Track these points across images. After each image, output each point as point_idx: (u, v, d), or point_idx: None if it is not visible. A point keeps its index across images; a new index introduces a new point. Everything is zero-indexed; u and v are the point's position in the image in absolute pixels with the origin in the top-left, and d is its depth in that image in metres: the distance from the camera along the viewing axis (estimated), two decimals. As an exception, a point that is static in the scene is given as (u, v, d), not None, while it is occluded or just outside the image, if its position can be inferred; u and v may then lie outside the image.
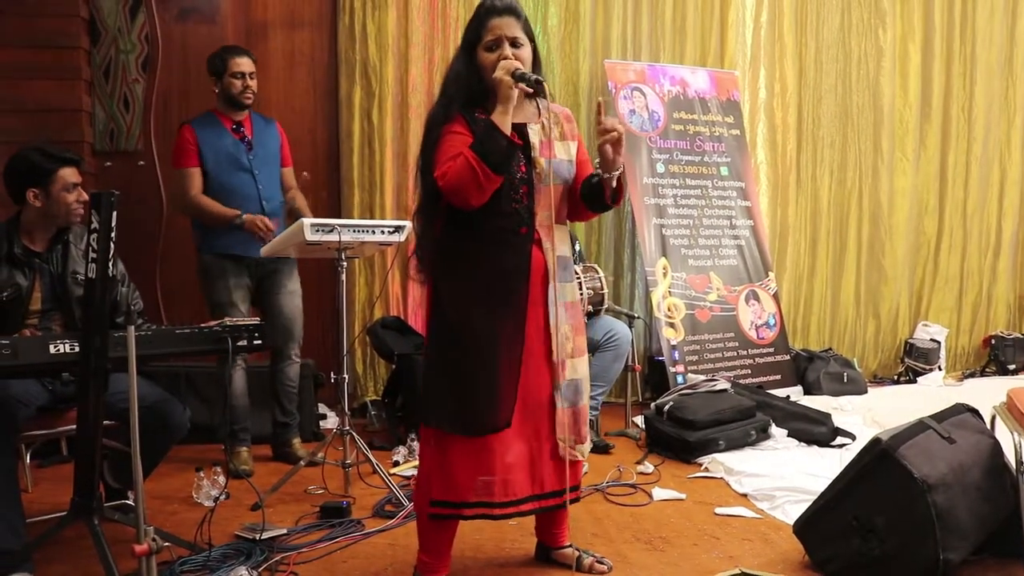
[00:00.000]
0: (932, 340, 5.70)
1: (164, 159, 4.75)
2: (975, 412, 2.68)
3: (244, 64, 3.77)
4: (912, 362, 5.64)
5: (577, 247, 4.47)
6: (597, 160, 2.29)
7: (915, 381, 5.55)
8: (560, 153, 2.36)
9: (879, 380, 5.72)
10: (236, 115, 3.83)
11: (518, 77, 2.19)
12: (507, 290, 2.29)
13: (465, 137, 2.23)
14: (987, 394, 3.14)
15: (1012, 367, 5.79)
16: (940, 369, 5.63)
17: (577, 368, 2.40)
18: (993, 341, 5.87)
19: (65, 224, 2.88)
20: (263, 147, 3.86)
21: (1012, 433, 2.64)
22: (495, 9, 2.27)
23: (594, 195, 2.35)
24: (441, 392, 2.29)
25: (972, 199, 5.91)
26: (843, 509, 2.45)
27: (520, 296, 2.29)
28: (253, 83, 3.81)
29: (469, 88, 2.30)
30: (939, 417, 2.57)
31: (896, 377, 5.72)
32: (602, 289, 4.12)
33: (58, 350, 2.38)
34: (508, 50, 2.24)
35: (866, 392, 5.16)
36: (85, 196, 2.86)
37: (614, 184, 2.29)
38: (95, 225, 2.33)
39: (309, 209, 4.04)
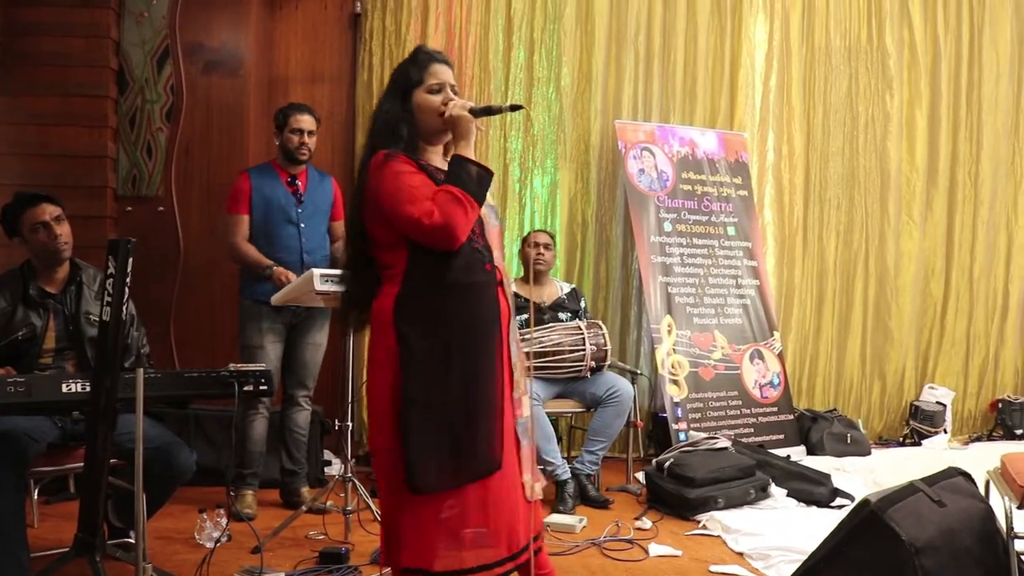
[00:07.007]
0: (938, 403, 5.68)
1: (184, 206, 4.88)
2: (967, 476, 2.69)
3: (304, 121, 3.90)
4: (918, 424, 5.63)
5: (583, 303, 4.55)
6: None
7: (920, 444, 5.53)
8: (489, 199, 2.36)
9: (884, 442, 5.69)
10: (292, 168, 3.95)
11: (478, 112, 2.25)
12: (486, 328, 2.24)
13: (420, 175, 2.20)
14: (991, 458, 3.12)
15: (1019, 431, 5.73)
16: (946, 432, 5.61)
17: (527, 404, 2.35)
18: (1000, 405, 5.84)
19: (55, 262, 2.95)
20: (313, 202, 3.98)
21: (1003, 498, 2.66)
22: (436, 57, 2.33)
23: None
24: (435, 447, 2.13)
25: (979, 263, 5.94)
26: (833, 570, 2.45)
27: (497, 333, 2.25)
28: (311, 140, 3.93)
29: (412, 128, 2.28)
30: (930, 480, 2.58)
31: (902, 439, 5.71)
32: (605, 345, 4.18)
33: (70, 389, 2.47)
34: (451, 93, 2.30)
35: (869, 454, 5.14)
36: (60, 230, 2.92)
37: None
38: (111, 270, 2.43)
39: None
